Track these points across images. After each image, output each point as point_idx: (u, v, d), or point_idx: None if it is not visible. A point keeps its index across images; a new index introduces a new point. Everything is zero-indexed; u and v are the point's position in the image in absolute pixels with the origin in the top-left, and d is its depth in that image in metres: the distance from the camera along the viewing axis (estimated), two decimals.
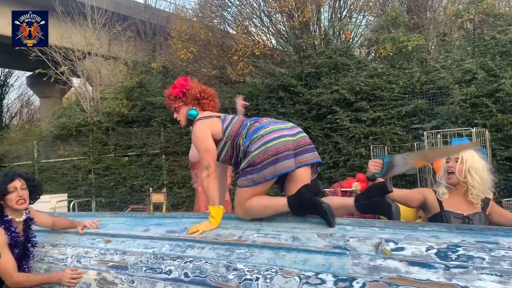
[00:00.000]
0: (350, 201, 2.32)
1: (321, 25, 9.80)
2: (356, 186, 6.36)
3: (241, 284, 1.89)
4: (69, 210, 9.51)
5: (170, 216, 2.81)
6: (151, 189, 9.83)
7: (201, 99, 2.62)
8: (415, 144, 7.08)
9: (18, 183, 2.47)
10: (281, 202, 2.27)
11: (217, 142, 2.45)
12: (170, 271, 2.12)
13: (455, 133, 6.61)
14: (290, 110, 8.07)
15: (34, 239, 2.61)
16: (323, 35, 8.88)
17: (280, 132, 2.31)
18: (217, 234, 2.27)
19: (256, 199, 2.31)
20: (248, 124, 2.42)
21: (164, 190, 9.26)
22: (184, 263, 2.12)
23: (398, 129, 7.51)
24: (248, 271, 1.93)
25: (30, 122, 25.35)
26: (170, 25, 13.38)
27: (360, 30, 10.09)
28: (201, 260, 2.09)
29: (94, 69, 12.69)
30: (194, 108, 2.62)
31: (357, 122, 7.66)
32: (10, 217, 2.47)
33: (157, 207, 9.06)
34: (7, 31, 15.68)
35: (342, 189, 6.61)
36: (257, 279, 1.87)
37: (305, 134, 2.45)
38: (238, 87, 9.76)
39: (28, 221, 2.59)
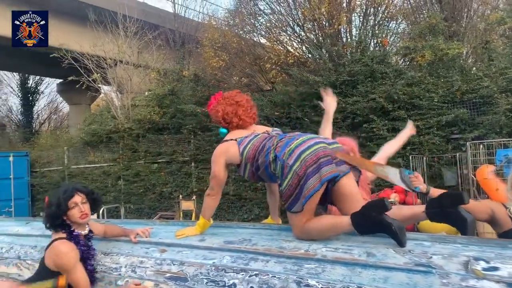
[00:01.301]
0: (419, 210, 2.18)
1: (353, 32, 9.69)
2: (394, 197, 6.16)
3: None
4: (98, 217, 9.57)
5: (224, 226, 2.72)
6: (180, 196, 9.82)
7: (218, 121, 2.68)
8: (457, 155, 6.84)
9: (78, 198, 2.42)
10: (344, 222, 2.10)
11: (238, 164, 2.48)
12: (235, 285, 2.01)
13: (499, 143, 6.35)
14: None
15: (95, 251, 2.55)
16: (359, 43, 8.74)
17: (314, 140, 2.24)
18: (281, 247, 2.16)
19: (316, 220, 2.18)
20: (275, 141, 2.34)
21: (194, 197, 9.22)
22: (249, 276, 2.01)
23: (437, 139, 7.28)
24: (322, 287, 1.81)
25: (59, 128, 25.87)
26: (202, 33, 13.47)
27: (393, 38, 9.93)
28: (268, 274, 1.98)
29: (125, 76, 12.84)
30: (223, 127, 2.68)
31: (394, 132, 7.44)
32: (77, 231, 2.43)
33: (186, 214, 9.03)
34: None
35: None
36: None
37: (340, 145, 2.33)
38: (269, 95, 9.68)
39: (90, 233, 2.55)
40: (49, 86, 26.65)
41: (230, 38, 10.78)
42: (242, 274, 2.04)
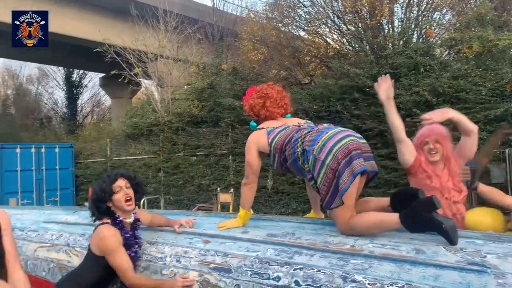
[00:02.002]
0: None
1: (395, 24, 9.41)
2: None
3: None
4: (139, 207, 9.83)
5: (266, 219, 2.72)
6: (218, 188, 9.92)
7: (252, 114, 2.78)
8: (506, 151, 6.53)
9: (122, 182, 2.47)
10: (393, 220, 2.06)
11: (267, 154, 2.54)
12: (279, 278, 2.00)
13: None
14: (364, 112, 7.77)
15: (140, 240, 2.59)
16: (402, 34, 8.48)
17: (344, 133, 2.24)
18: (325, 242, 2.13)
19: (362, 216, 2.15)
20: (304, 133, 2.34)
21: (231, 190, 9.29)
22: (293, 270, 2.00)
23: (484, 134, 6.96)
24: (369, 284, 1.77)
25: (102, 121, 26.72)
26: (240, 27, 13.48)
27: (438, 29, 9.56)
28: (313, 269, 1.96)
29: (165, 70, 13.06)
30: (253, 121, 2.79)
31: None
32: (121, 217, 2.48)
33: (224, 207, 9.11)
34: (78, 33, 16.66)
35: None
36: None
37: (355, 137, 2.28)
38: (308, 89, 9.58)
39: (136, 222, 2.59)
40: (92, 80, 27.61)
41: (269, 31, 10.74)
42: (287, 268, 2.03)
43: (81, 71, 26.62)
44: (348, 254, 1.97)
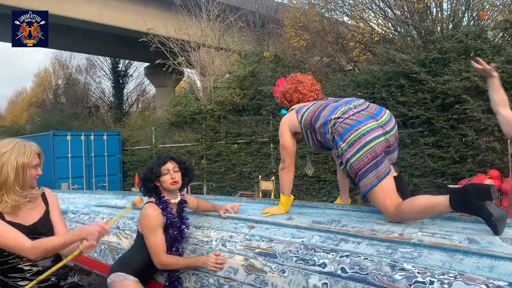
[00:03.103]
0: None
1: (444, 6, 8.98)
2: (489, 183, 5.71)
3: (411, 287, 1.69)
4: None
5: (311, 206, 2.71)
6: (260, 176, 9.97)
7: (281, 101, 2.84)
8: None
9: (170, 165, 2.55)
10: (442, 203, 1.99)
11: (301, 136, 2.58)
12: (325, 264, 2.00)
13: None
14: (411, 99, 7.51)
15: (187, 221, 2.67)
16: (452, 17, 8.09)
17: (373, 133, 2.20)
18: (372, 229, 2.10)
19: (413, 200, 2.10)
20: (332, 118, 2.32)
21: (273, 178, 9.31)
22: (340, 257, 1.98)
23: None
24: (418, 272, 1.73)
25: (147, 109, 27.43)
26: (282, 13, 13.35)
27: (490, 11, 9.04)
28: (359, 256, 1.94)
29: (207, 59, 13.19)
30: (285, 108, 2.83)
31: (490, 113, 6.85)
32: (166, 198, 2.55)
33: (265, 194, 9.15)
34: (127, 24, 17.07)
35: None
36: (431, 282, 1.66)
37: (395, 129, 2.33)
38: (351, 75, 9.38)
39: (182, 203, 2.66)
40: (137, 69, 28.38)
41: (311, 17, 10.56)
42: (332, 254, 2.02)
43: (127, 61, 27.37)
44: (396, 242, 1.93)
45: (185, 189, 2.81)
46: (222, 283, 2.32)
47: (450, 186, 6.43)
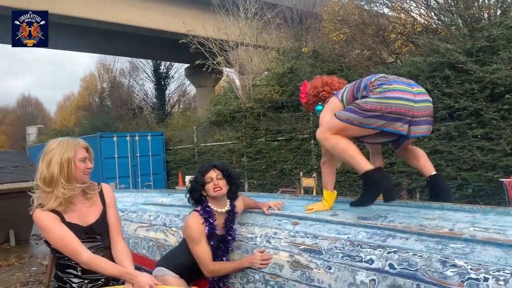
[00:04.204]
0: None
1: None
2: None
3: (464, 283, 1.64)
4: None
5: None
6: (301, 173, 9.92)
7: (320, 92, 2.81)
8: None
9: (213, 174, 2.52)
10: (363, 163, 2.29)
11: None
12: (372, 261, 1.96)
13: None
14: (457, 90, 7.23)
15: (234, 232, 2.59)
16: (500, 3, 7.72)
17: (404, 94, 2.23)
18: (421, 225, 2.04)
19: (345, 142, 2.34)
20: (372, 79, 2.38)
21: (314, 174, 9.24)
22: (387, 253, 1.94)
23: None
24: (471, 269, 1.66)
25: (188, 109, 27.95)
26: (321, 8, 13.20)
27: None
28: (408, 252, 1.89)
29: (246, 58, 13.27)
30: (320, 104, 2.82)
31: None
32: (212, 207, 2.53)
33: (307, 191, 9.10)
34: (170, 27, 17.42)
35: None
36: (486, 279, 1.60)
37: (430, 105, 2.35)
38: (394, 68, 9.14)
39: (231, 213, 2.60)
40: (178, 71, 28.92)
41: (350, 10, 10.38)
42: (380, 251, 1.98)
43: (168, 63, 28.03)
44: (446, 238, 1.87)
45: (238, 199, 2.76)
46: (267, 279, 2.33)
47: (502, 179, 6.15)
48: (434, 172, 2.57)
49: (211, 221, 2.50)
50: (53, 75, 74.84)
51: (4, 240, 7.74)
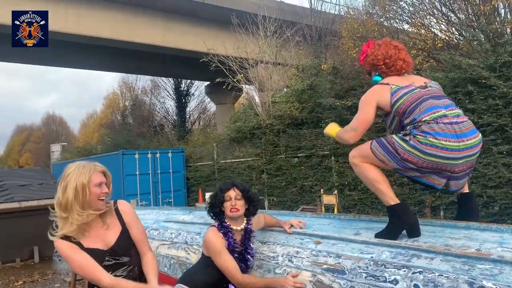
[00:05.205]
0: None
1: None
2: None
3: None
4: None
5: (378, 221, 2.63)
6: (322, 190, 9.84)
7: (378, 65, 2.51)
8: None
9: (232, 193, 2.52)
10: (389, 197, 2.28)
11: (387, 113, 2.40)
12: (396, 281, 1.93)
13: None
14: (480, 106, 7.11)
15: (251, 250, 2.59)
16: None
17: (447, 153, 2.10)
18: (447, 244, 2.00)
19: (374, 172, 2.31)
20: (425, 115, 2.18)
21: (335, 191, 9.14)
22: (412, 273, 1.91)
23: None
24: None
25: (208, 126, 28.20)
26: (340, 25, 13.27)
27: None
28: (433, 273, 1.85)
29: (265, 75, 13.38)
30: (378, 74, 2.55)
31: None
32: (229, 224, 2.54)
33: (328, 209, 9.00)
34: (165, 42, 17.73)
35: None
36: None
37: (473, 157, 2.19)
38: None
39: (248, 232, 2.60)
40: (198, 88, 29.30)
41: (370, 27, 10.40)
42: (404, 271, 1.95)
43: (189, 81, 28.44)
44: (473, 258, 1.83)
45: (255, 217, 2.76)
46: None
47: None
48: (467, 191, 2.48)
49: (230, 235, 2.52)
50: (77, 94, 77.00)
51: (29, 257, 7.87)
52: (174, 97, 28.68)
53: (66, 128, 55.35)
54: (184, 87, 28.70)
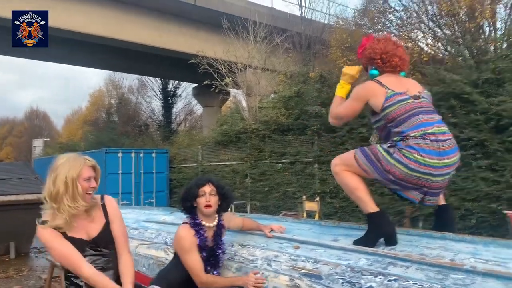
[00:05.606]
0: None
1: (498, 25, 8.72)
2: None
3: None
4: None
5: (357, 228, 2.68)
6: (304, 196, 9.89)
7: (374, 59, 2.52)
8: None
9: (208, 188, 2.52)
10: (368, 205, 2.32)
11: (374, 112, 2.42)
12: None
13: None
14: (462, 121, 7.26)
15: (223, 246, 2.61)
16: (506, 36, 7.83)
17: (429, 169, 2.17)
18: (422, 254, 2.05)
19: (355, 181, 2.36)
20: (413, 131, 2.22)
21: (317, 198, 9.20)
22: (388, 281, 1.95)
23: None
24: None
25: (194, 128, 28.08)
26: (328, 34, 13.41)
27: None
28: (408, 281, 1.89)
29: (254, 80, 13.42)
30: (375, 68, 2.54)
31: None
32: (201, 220, 2.55)
33: (310, 215, 9.05)
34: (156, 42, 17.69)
35: None
36: None
37: (448, 176, 2.27)
38: None
39: (219, 228, 2.61)
40: (186, 90, 29.15)
41: (358, 38, 10.53)
42: (380, 278, 1.98)
43: (176, 82, 28.30)
44: (447, 268, 1.87)
45: (230, 210, 2.79)
46: None
47: (506, 212, 6.11)
48: (444, 203, 2.54)
49: (202, 232, 2.52)
50: (63, 90, 75.82)
51: (4, 252, 7.72)
52: (161, 97, 28.49)
53: (49, 124, 54.52)
54: (171, 88, 28.55)
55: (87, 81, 69.02)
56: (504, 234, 6.48)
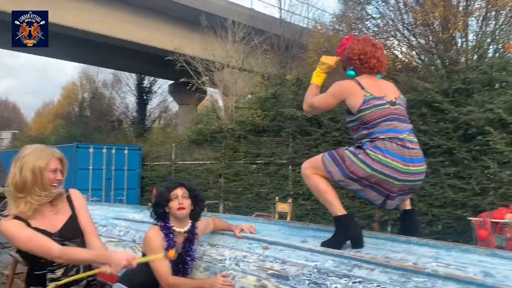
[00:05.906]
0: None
1: (469, 37, 8.99)
2: (510, 218, 5.58)
3: None
4: None
5: (327, 230, 2.70)
6: (277, 198, 9.94)
7: (353, 60, 2.53)
8: None
9: (179, 191, 2.51)
10: (336, 208, 2.34)
11: (350, 113, 2.44)
12: None
13: None
14: (432, 128, 7.47)
15: (192, 253, 2.58)
16: (477, 48, 8.09)
17: (390, 171, 2.21)
18: (387, 257, 2.09)
19: (323, 184, 2.38)
20: (382, 133, 2.27)
21: (290, 200, 9.27)
22: (352, 283, 1.98)
23: None
24: None
25: (168, 126, 27.80)
26: (307, 38, 13.52)
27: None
28: (372, 283, 1.93)
29: (231, 80, 13.40)
30: (352, 69, 2.56)
31: None
32: (172, 225, 2.53)
33: (282, 216, 9.10)
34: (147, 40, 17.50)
35: (492, 220, 5.89)
36: None
37: (412, 183, 2.31)
38: None
39: (190, 234, 2.58)
40: (161, 86, 28.82)
41: (335, 43, 10.66)
42: (345, 280, 2.02)
43: (152, 78, 27.93)
44: (410, 271, 1.92)
45: (201, 219, 2.70)
46: None
47: (470, 218, 6.30)
48: (409, 208, 2.59)
49: (171, 237, 2.49)
50: (36, 82, 73.55)
51: None
52: (136, 93, 28.07)
53: (19, 116, 52.88)
54: (147, 84, 28.15)
55: (61, 75, 67.39)
56: (468, 240, 6.68)
